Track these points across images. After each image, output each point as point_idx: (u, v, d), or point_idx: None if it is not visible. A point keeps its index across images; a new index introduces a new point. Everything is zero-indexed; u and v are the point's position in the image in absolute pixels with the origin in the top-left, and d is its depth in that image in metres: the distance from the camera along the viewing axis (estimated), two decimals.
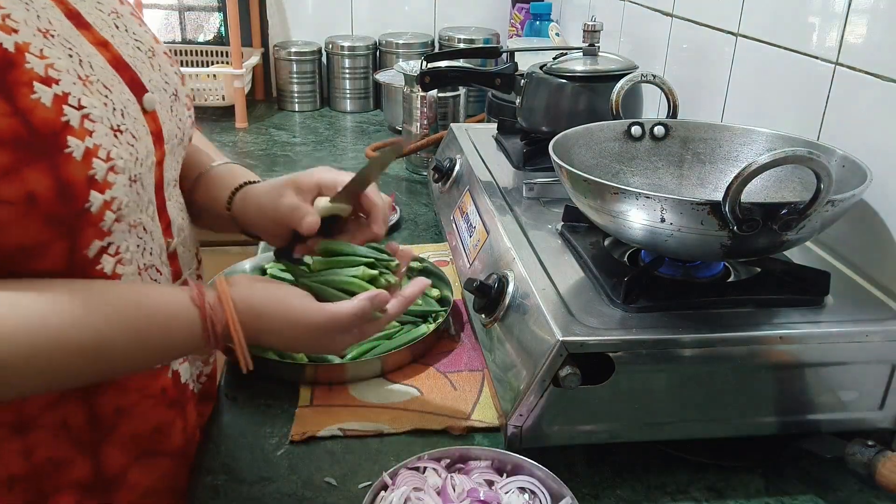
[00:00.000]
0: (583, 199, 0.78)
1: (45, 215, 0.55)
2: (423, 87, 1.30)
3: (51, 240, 0.57)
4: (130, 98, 0.64)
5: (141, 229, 0.66)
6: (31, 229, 0.55)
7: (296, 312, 0.64)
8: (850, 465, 0.71)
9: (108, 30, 0.66)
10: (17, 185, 0.53)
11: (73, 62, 0.59)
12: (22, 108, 0.53)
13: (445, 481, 0.67)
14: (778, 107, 1.04)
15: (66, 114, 0.55)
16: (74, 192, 0.56)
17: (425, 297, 1.03)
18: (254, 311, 0.63)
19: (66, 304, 0.56)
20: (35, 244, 0.56)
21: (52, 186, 0.54)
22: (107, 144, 0.58)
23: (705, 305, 0.77)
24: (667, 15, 1.36)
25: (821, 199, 0.66)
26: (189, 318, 0.61)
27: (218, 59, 2.18)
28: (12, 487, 0.63)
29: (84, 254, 0.60)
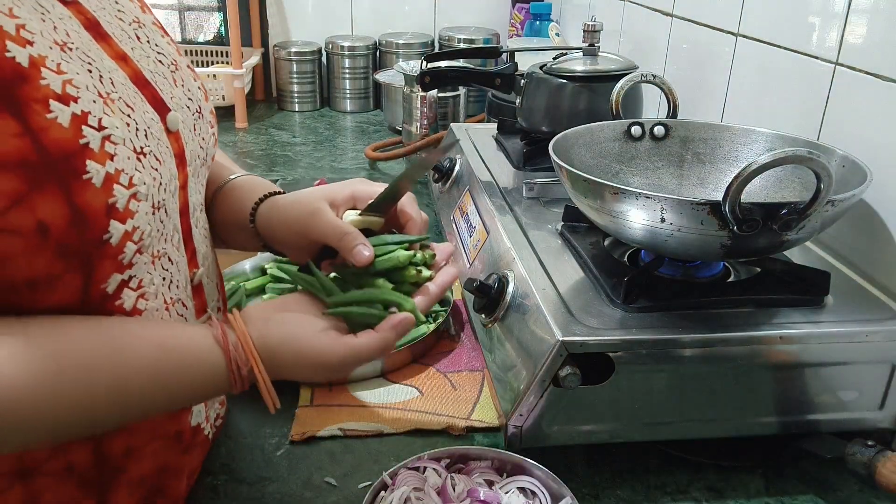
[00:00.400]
0: (583, 199, 0.78)
1: (58, 247, 0.50)
2: (423, 87, 1.30)
3: (63, 273, 0.51)
4: (154, 117, 0.59)
5: (166, 260, 0.61)
6: (40, 262, 0.50)
7: (314, 353, 0.60)
8: (850, 465, 0.71)
9: (129, 41, 0.62)
10: (26, 213, 0.48)
11: (93, 78, 0.54)
12: (34, 128, 0.48)
13: (445, 481, 0.67)
14: (778, 107, 1.04)
15: (86, 135, 0.50)
16: (92, 221, 0.51)
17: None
18: (271, 352, 0.59)
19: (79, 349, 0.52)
20: (45, 277, 0.51)
21: (65, 215, 0.49)
22: (129, 169, 0.53)
23: (705, 305, 0.77)
24: (667, 15, 1.36)
25: (821, 199, 0.66)
26: (214, 361, 0.58)
27: (218, 59, 2.18)
28: None
29: (102, 288, 0.55)
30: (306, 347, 0.60)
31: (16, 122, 0.47)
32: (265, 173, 1.62)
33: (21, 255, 0.49)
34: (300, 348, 0.60)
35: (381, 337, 0.62)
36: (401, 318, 0.63)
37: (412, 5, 2.21)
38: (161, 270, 0.61)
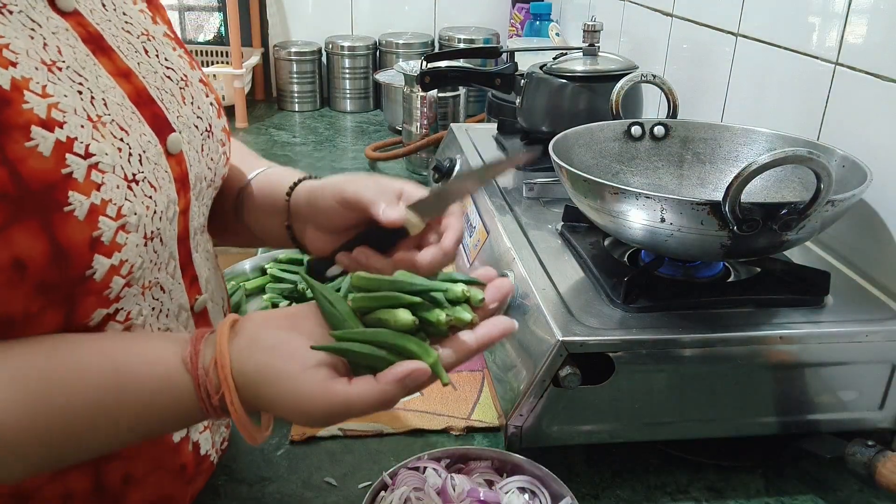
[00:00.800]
0: (583, 199, 0.78)
1: (36, 283, 0.46)
2: (423, 87, 1.30)
3: (41, 310, 0.48)
4: (152, 139, 0.55)
5: (157, 289, 0.57)
6: (17, 299, 0.46)
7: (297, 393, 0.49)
8: (850, 465, 0.71)
9: (135, 56, 0.58)
10: (1, 248, 0.44)
11: (84, 100, 0.50)
12: (11, 158, 0.44)
13: (445, 481, 0.67)
14: (778, 107, 1.04)
15: (70, 164, 0.47)
16: (74, 257, 0.47)
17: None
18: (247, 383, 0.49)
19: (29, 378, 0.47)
20: (22, 315, 0.47)
21: (45, 251, 0.46)
22: (118, 199, 0.50)
23: (705, 305, 0.77)
24: (667, 15, 1.36)
25: (821, 199, 0.66)
26: (180, 385, 0.49)
27: (218, 59, 2.18)
28: None
29: (84, 323, 0.51)
30: (289, 387, 0.49)
31: None
32: None
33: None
34: (281, 387, 0.49)
35: (381, 390, 0.48)
36: (410, 370, 0.48)
37: (412, 5, 2.21)
38: (151, 301, 0.56)
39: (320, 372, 0.49)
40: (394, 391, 0.49)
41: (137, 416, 0.50)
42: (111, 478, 0.57)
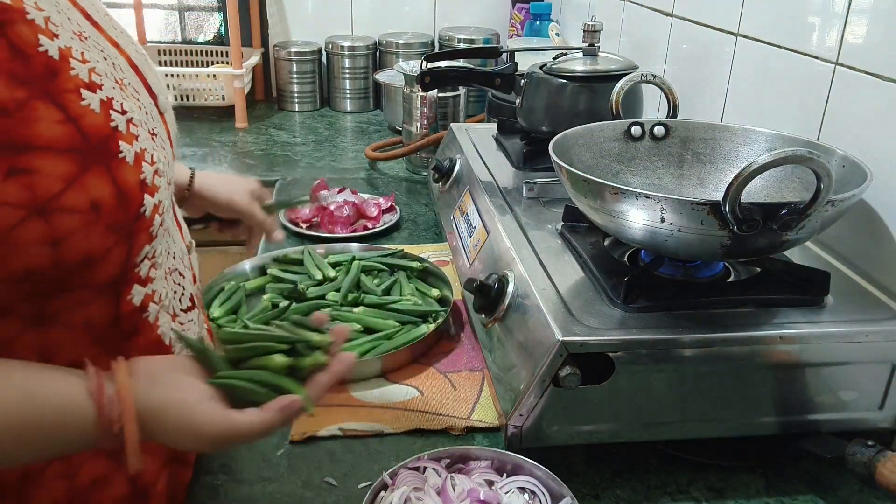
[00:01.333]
0: (583, 199, 0.78)
1: (108, 223, 0.54)
2: (423, 87, 1.30)
3: (112, 246, 0.55)
4: (150, 101, 0.63)
5: (167, 233, 0.65)
6: (95, 237, 0.53)
7: (194, 422, 0.55)
8: (850, 465, 0.71)
9: (112, 30, 0.64)
10: (80, 193, 0.52)
11: (109, 65, 0.58)
12: (73, 115, 0.52)
13: (445, 481, 0.67)
14: (778, 107, 1.04)
15: (114, 119, 0.55)
16: (131, 196, 0.55)
17: (425, 297, 1.03)
18: (151, 413, 0.55)
19: None
20: (100, 252, 0.54)
21: (112, 193, 0.53)
22: (150, 148, 0.58)
23: (705, 305, 0.77)
24: (667, 15, 1.36)
25: (821, 199, 0.66)
26: (83, 415, 0.53)
27: (218, 59, 2.18)
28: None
29: (134, 261, 0.59)
30: (186, 415, 0.55)
31: (57, 111, 0.51)
32: (265, 173, 1.62)
33: (79, 231, 0.52)
34: (180, 415, 0.55)
35: (266, 418, 0.56)
36: (289, 402, 0.57)
37: (412, 5, 2.21)
38: (165, 242, 0.65)
39: (216, 403, 0.56)
40: (275, 419, 0.57)
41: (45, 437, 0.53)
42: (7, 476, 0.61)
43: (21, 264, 0.51)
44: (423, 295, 1.04)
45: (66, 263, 0.53)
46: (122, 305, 0.61)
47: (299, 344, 0.61)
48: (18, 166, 0.49)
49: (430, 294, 1.04)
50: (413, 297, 1.02)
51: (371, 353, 0.91)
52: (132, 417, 0.54)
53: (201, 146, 1.80)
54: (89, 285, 0.56)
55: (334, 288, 1.03)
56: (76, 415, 0.53)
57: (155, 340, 0.64)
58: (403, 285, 1.05)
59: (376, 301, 1.01)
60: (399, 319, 0.97)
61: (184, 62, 2.19)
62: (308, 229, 1.30)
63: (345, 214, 1.31)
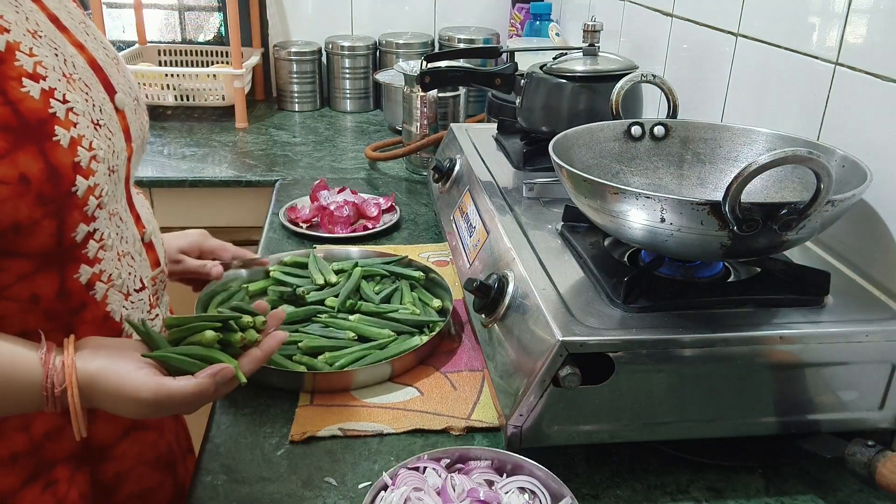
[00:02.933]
0: (583, 199, 0.78)
1: (37, 195, 0.60)
2: (423, 87, 1.30)
3: (41, 218, 0.61)
4: (105, 97, 0.70)
5: (118, 218, 0.72)
6: (23, 207, 0.60)
7: (128, 386, 0.62)
8: (850, 465, 0.71)
9: (81, 34, 0.71)
10: (10, 166, 0.58)
11: (59, 61, 0.65)
12: (12, 99, 0.59)
13: (445, 481, 0.67)
14: (778, 107, 1.04)
15: (53, 106, 0.62)
16: (62, 175, 0.61)
17: (426, 307, 1.02)
18: (90, 378, 0.62)
19: None
20: (27, 221, 0.61)
21: (42, 169, 0.60)
22: (89, 135, 0.64)
23: (705, 305, 0.77)
24: (667, 15, 1.36)
25: (821, 199, 0.66)
26: (31, 378, 0.60)
27: (218, 59, 2.18)
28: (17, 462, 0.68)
29: (72, 237, 0.65)
30: (121, 380, 0.62)
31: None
32: (265, 173, 1.62)
33: (9, 200, 0.59)
34: (116, 380, 0.62)
35: (198, 383, 0.63)
36: (219, 368, 0.64)
37: (412, 5, 2.21)
38: (115, 227, 0.71)
39: (150, 370, 0.63)
40: (208, 385, 0.63)
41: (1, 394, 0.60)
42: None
43: None
44: (425, 305, 1.02)
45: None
46: (67, 282, 0.66)
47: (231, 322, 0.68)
48: None
49: (431, 304, 1.02)
50: (413, 307, 1.01)
51: (360, 362, 0.90)
52: (72, 382, 0.61)
53: (201, 146, 1.80)
54: (23, 253, 0.62)
55: (334, 293, 1.02)
56: (26, 378, 0.60)
57: (102, 316, 0.70)
58: (405, 293, 1.04)
59: (373, 309, 0.99)
60: (395, 329, 0.96)
61: (184, 62, 2.19)
62: (308, 229, 1.29)
63: (345, 214, 1.31)
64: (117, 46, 2.13)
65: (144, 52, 2.13)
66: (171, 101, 1.96)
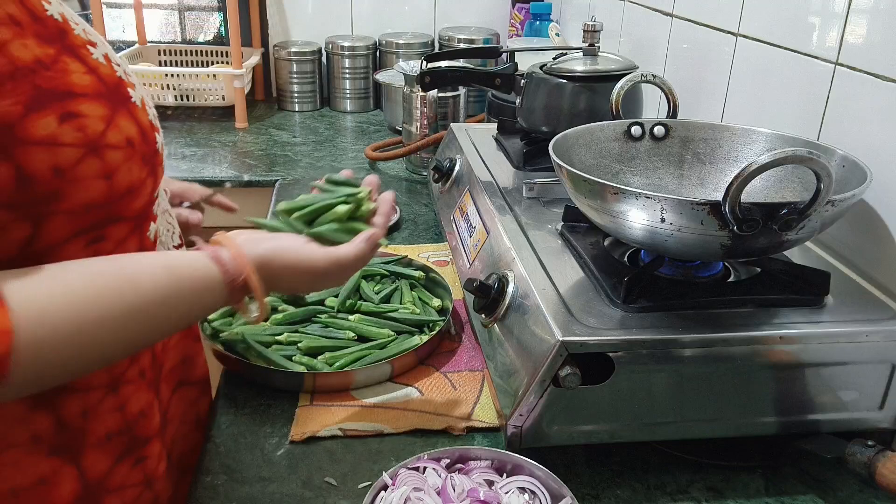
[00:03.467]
0: (583, 199, 0.78)
1: (141, 156, 0.61)
2: (423, 87, 1.30)
3: (146, 177, 0.62)
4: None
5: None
6: (133, 170, 0.60)
7: (303, 259, 0.67)
8: (850, 465, 0.71)
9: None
10: (117, 131, 0.58)
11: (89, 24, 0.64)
12: (92, 67, 0.58)
13: (445, 481, 0.67)
14: (778, 107, 1.04)
15: (116, 70, 0.61)
16: (148, 133, 0.62)
17: (426, 306, 1.02)
18: (264, 261, 0.65)
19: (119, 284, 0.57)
20: (138, 182, 0.61)
21: (137, 131, 0.60)
22: (144, 94, 0.64)
23: (705, 305, 0.77)
24: (667, 15, 1.36)
25: (821, 199, 0.66)
26: (213, 275, 0.63)
27: (218, 59, 2.18)
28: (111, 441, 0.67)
29: (154, 195, 0.66)
30: (295, 255, 0.67)
31: (80, 63, 0.57)
32: (265, 173, 1.62)
33: (124, 164, 0.58)
34: (290, 256, 0.67)
35: (359, 247, 0.70)
36: (371, 233, 0.71)
37: (412, 5, 2.21)
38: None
39: (314, 244, 0.69)
40: (366, 248, 0.70)
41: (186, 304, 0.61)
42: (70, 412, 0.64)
43: (83, 197, 0.56)
44: (425, 304, 1.02)
45: (117, 194, 0.59)
46: (144, 241, 0.67)
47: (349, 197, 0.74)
48: (69, 111, 0.55)
49: (431, 304, 1.02)
50: (413, 307, 1.01)
51: (359, 362, 0.90)
52: (250, 268, 0.64)
53: (201, 146, 1.80)
54: (126, 217, 0.62)
55: (333, 293, 1.02)
56: (207, 278, 0.62)
57: None
58: (405, 293, 1.04)
59: (373, 309, 0.99)
60: (395, 329, 0.96)
61: (184, 62, 2.19)
62: None
63: None
64: (117, 46, 2.13)
65: (144, 52, 2.13)
66: (171, 101, 1.96)
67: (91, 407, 0.64)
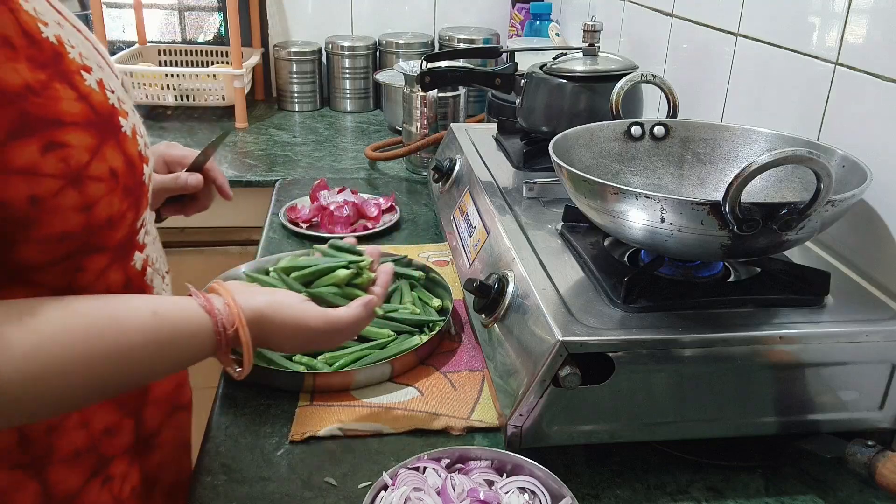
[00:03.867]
0: (583, 199, 0.78)
1: (124, 187, 0.59)
2: (423, 87, 1.30)
3: (127, 210, 0.61)
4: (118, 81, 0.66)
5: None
6: (114, 202, 0.59)
7: (298, 317, 0.66)
8: (850, 465, 0.71)
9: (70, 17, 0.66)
10: (102, 163, 0.57)
11: (88, 48, 0.61)
12: (83, 94, 0.56)
13: (445, 481, 0.67)
14: (778, 107, 1.04)
15: (109, 97, 0.59)
16: (135, 165, 0.61)
17: (426, 306, 1.02)
18: (258, 315, 0.64)
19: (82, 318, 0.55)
20: (118, 215, 0.60)
21: (123, 161, 0.59)
22: (137, 122, 0.63)
23: (705, 305, 0.77)
24: (667, 15, 1.36)
25: (821, 199, 0.66)
26: (201, 324, 0.62)
27: (218, 59, 2.18)
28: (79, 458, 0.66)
29: (137, 226, 0.65)
30: (290, 312, 0.66)
31: (71, 90, 0.55)
32: (265, 173, 1.62)
33: (104, 197, 0.57)
34: (286, 313, 0.66)
35: (356, 311, 0.70)
36: (369, 298, 0.71)
37: (412, 5, 2.21)
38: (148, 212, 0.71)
39: (311, 304, 0.68)
40: (362, 313, 0.70)
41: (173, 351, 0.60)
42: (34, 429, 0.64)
43: (59, 228, 0.55)
44: (425, 304, 1.02)
45: (95, 226, 0.58)
46: (129, 271, 0.66)
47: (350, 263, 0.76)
48: (54, 140, 0.53)
49: (431, 304, 1.02)
50: (413, 306, 1.01)
51: (360, 362, 0.90)
52: (242, 321, 0.63)
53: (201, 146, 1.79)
54: (107, 247, 0.61)
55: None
56: (194, 326, 0.61)
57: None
58: (405, 293, 1.04)
59: None
60: (395, 329, 0.96)
61: (184, 62, 2.19)
62: (308, 229, 1.30)
63: (345, 214, 1.31)
64: (117, 46, 2.13)
65: (144, 52, 2.13)
66: (171, 101, 1.96)
67: (55, 424, 0.63)
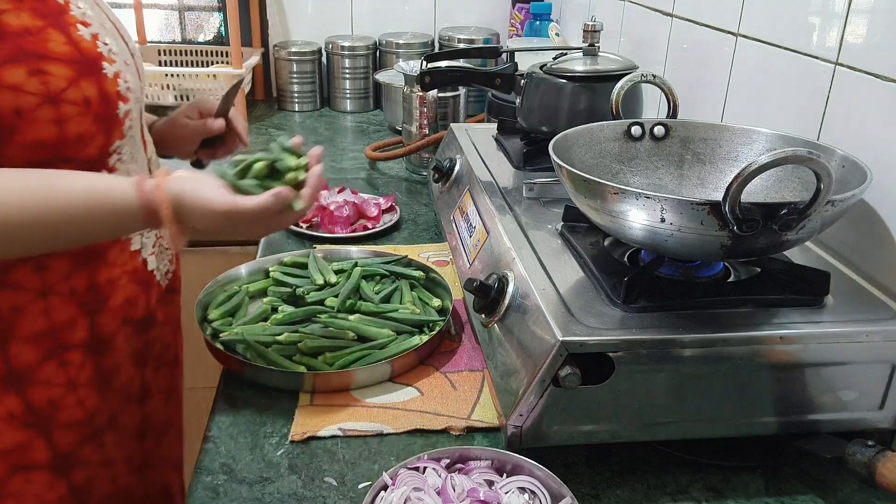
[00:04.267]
0: (583, 199, 0.78)
1: (95, 114, 0.75)
2: (423, 87, 1.30)
3: (96, 133, 0.76)
4: (124, 44, 0.83)
5: (134, 141, 0.85)
6: (85, 124, 0.74)
7: (206, 200, 0.73)
8: (850, 465, 0.71)
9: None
10: (77, 91, 0.73)
11: (97, 11, 0.80)
12: (74, 40, 0.74)
13: (445, 481, 0.67)
14: (778, 107, 1.04)
15: (99, 47, 0.77)
16: (111, 99, 0.77)
17: (426, 306, 1.02)
18: (178, 196, 0.73)
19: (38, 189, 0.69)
20: (87, 135, 0.75)
21: (97, 94, 0.75)
22: (123, 71, 0.79)
23: (705, 305, 0.77)
24: (667, 15, 1.36)
25: (821, 199, 0.66)
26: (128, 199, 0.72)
27: (218, 59, 2.18)
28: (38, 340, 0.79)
29: (109, 149, 0.79)
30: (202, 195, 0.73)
31: (64, 36, 0.73)
32: None
33: (76, 117, 0.73)
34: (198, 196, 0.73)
35: (263, 199, 0.73)
36: (278, 191, 0.74)
37: (412, 5, 2.21)
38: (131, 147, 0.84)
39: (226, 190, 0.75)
40: (269, 202, 0.73)
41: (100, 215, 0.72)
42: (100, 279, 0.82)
43: (35, 136, 0.71)
44: (425, 304, 1.02)
45: (66, 138, 0.73)
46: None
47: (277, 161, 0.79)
48: (39, 68, 0.70)
49: (431, 304, 1.02)
50: (413, 306, 1.01)
51: (360, 362, 0.90)
52: (167, 201, 0.72)
53: None
54: (77, 159, 0.75)
55: (334, 293, 1.02)
56: (126, 199, 0.72)
57: None
58: (405, 293, 1.04)
59: (373, 309, 0.99)
60: (395, 329, 0.96)
61: (184, 62, 2.19)
62: (308, 229, 1.29)
63: (345, 214, 1.31)
64: None
65: (144, 52, 2.13)
66: (171, 101, 1.96)
67: (20, 305, 0.77)
